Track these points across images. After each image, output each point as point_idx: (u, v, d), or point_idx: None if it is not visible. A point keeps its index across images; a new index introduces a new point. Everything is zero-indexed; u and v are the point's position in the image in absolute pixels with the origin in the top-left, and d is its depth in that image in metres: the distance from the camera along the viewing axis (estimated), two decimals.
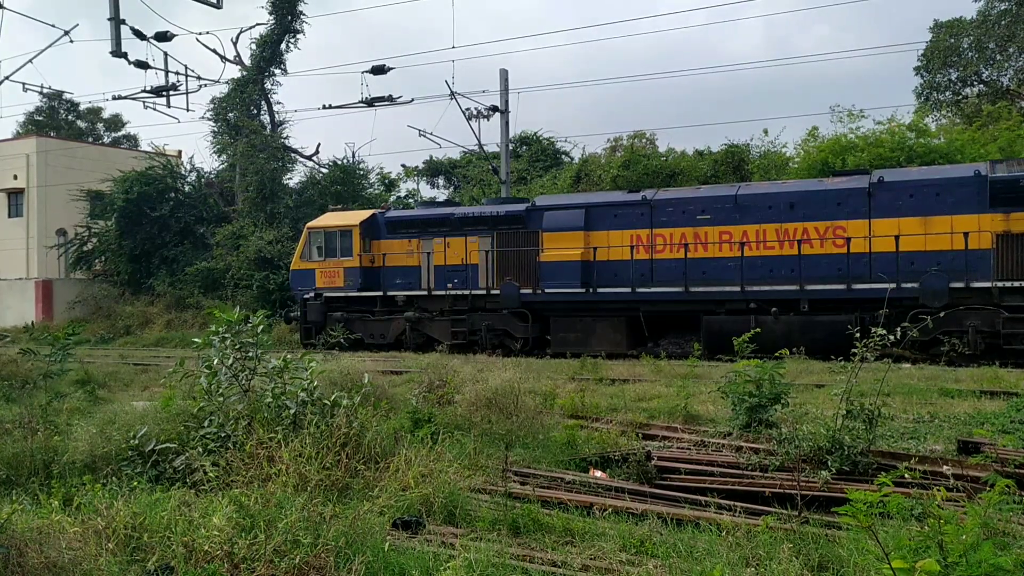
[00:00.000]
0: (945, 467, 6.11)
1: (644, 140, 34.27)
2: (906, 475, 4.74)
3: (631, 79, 48.37)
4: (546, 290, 20.63)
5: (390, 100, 28.60)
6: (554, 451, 8.84)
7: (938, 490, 4.36)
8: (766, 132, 36.76)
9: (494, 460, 8.18)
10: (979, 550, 3.38)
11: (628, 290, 19.78)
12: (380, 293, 22.93)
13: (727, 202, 19.41)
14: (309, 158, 36.96)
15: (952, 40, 30.98)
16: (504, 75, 27.83)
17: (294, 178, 36.79)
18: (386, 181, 40.90)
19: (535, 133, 41.12)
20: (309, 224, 24.91)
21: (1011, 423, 8.72)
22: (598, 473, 8.12)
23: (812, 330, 17.45)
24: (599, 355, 18.00)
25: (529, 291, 20.91)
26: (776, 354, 10.22)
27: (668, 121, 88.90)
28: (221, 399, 7.93)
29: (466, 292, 21.78)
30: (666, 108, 77.13)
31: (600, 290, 20.11)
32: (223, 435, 7.54)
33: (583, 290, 20.22)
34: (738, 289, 18.72)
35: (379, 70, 28.12)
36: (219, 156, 37.13)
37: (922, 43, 32.94)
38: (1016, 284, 16.50)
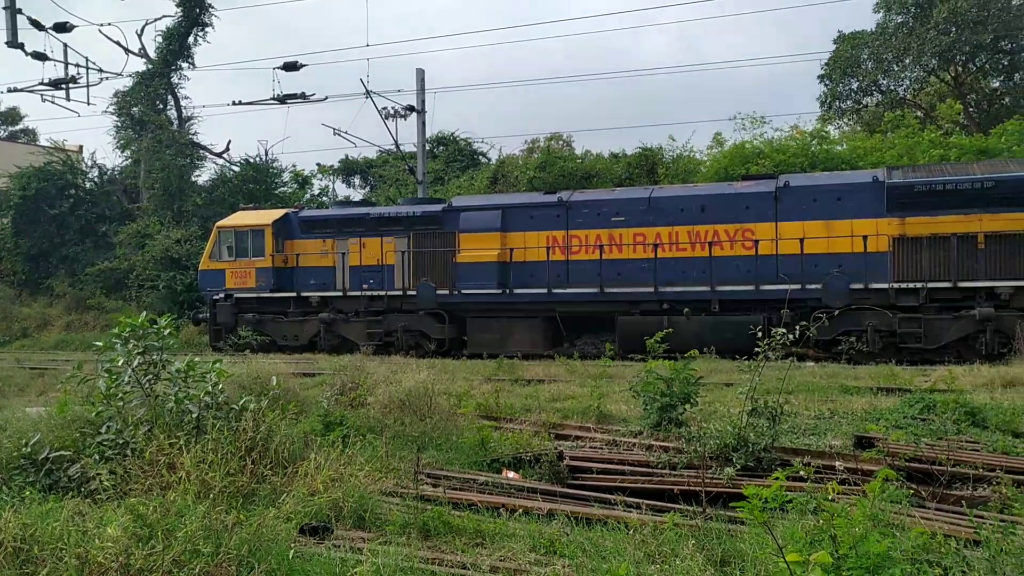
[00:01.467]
0: (838, 462, 6.34)
1: (561, 142, 34.62)
2: (801, 471, 4.90)
3: (548, 81, 48.79)
4: (463, 291, 20.60)
5: (303, 97, 28.13)
6: (467, 452, 8.81)
7: (831, 484, 4.51)
8: (673, 138, 37.54)
9: (406, 462, 8.10)
10: (867, 541, 3.51)
11: (544, 291, 19.92)
12: (293, 294, 22.50)
13: (641, 204, 19.74)
14: (219, 155, 36.05)
15: (853, 51, 32.26)
16: (420, 75, 27.68)
17: (203, 176, 35.84)
18: (300, 180, 40.15)
19: (452, 133, 41.04)
20: (219, 223, 24.26)
21: (904, 419, 9.10)
22: (511, 474, 8.13)
23: (723, 330, 17.86)
24: (515, 356, 18.07)
25: (446, 292, 20.84)
26: (687, 354, 10.44)
27: (585, 123, 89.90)
28: (120, 404, 7.62)
29: (382, 293, 21.57)
30: (582, 110, 78.02)
31: (517, 291, 20.19)
32: (121, 442, 7.25)
33: (500, 291, 20.27)
34: (652, 290, 19.04)
35: (291, 67, 27.64)
36: (123, 152, 35.90)
37: (825, 53, 34.21)
38: (910, 285, 17.26)
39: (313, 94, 28.23)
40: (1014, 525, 3.91)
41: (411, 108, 27.98)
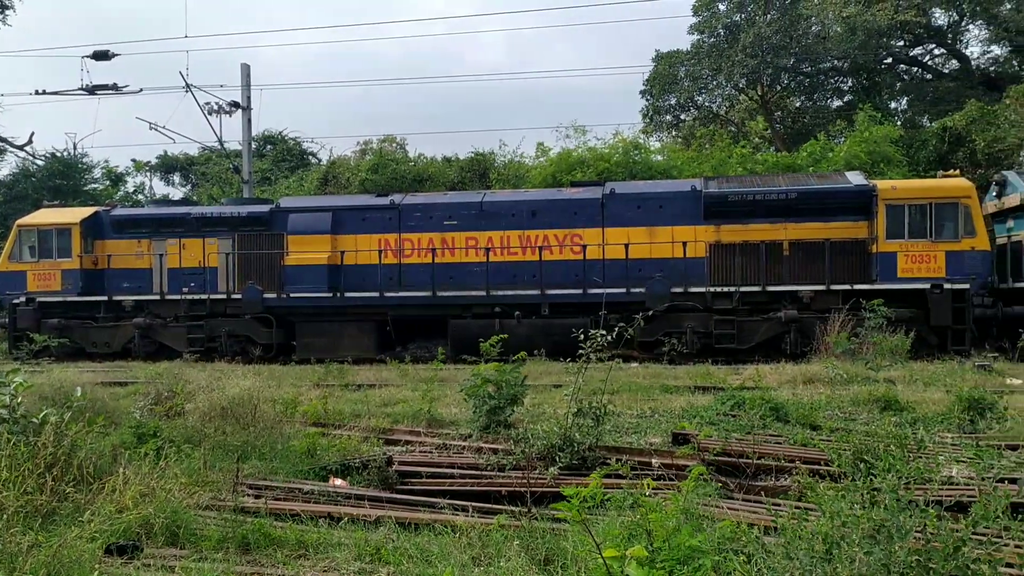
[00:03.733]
0: (654, 459, 6.62)
1: (394, 144, 34.38)
2: (620, 469, 5.07)
3: (380, 83, 48.31)
4: (291, 294, 20.03)
5: (115, 89, 26.38)
6: (293, 461, 8.52)
7: (647, 481, 4.70)
8: (504, 144, 38.16)
9: (227, 474, 7.74)
10: (679, 534, 3.67)
11: (376, 294, 19.69)
12: (104, 298, 21.05)
13: (473, 208, 19.92)
14: (21, 148, 33.26)
15: (670, 69, 34.07)
16: (246, 70, 26.66)
17: (3, 170, 32.92)
18: (112, 176, 37.65)
19: (280, 132, 39.88)
20: (20, 221, 22.33)
21: (717, 415, 9.65)
22: (338, 482, 7.94)
23: (553, 333, 18.27)
24: (346, 360, 17.74)
25: (273, 295, 20.18)
26: (515, 357, 10.60)
27: (418, 126, 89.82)
28: None
29: (204, 297, 20.61)
30: (417, 114, 77.87)
31: (348, 294, 19.84)
32: None
33: (330, 294, 19.85)
34: (484, 293, 19.25)
35: (102, 55, 25.90)
36: None
37: (648, 68, 35.90)
38: (725, 289, 18.39)
39: (127, 85, 26.56)
40: (808, 512, 4.23)
41: (236, 104, 26.91)
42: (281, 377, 14.96)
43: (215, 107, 26.91)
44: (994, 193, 19.72)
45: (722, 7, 33.86)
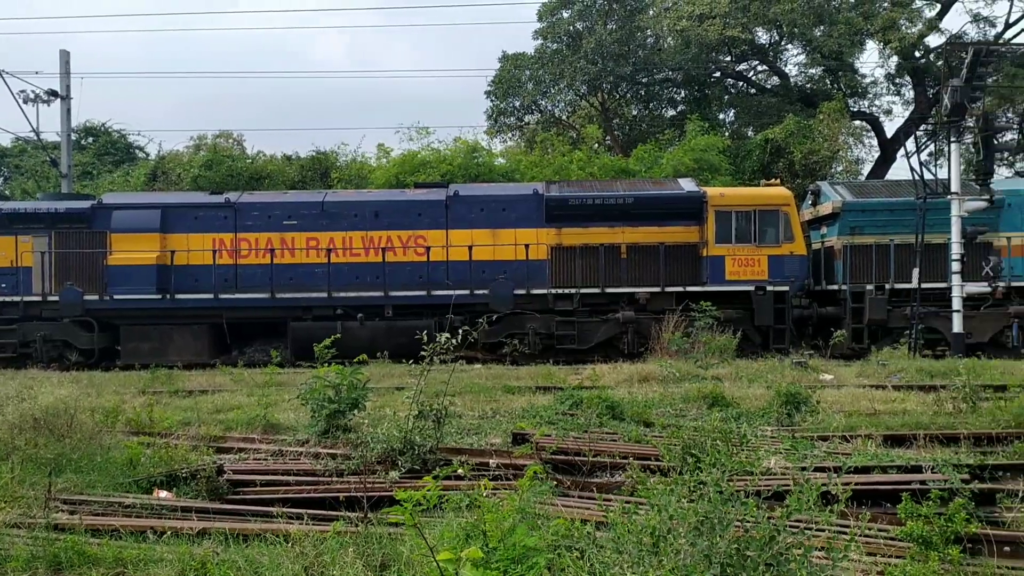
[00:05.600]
0: (491, 459, 6.65)
1: (231, 140, 33.06)
2: (459, 470, 5.05)
3: (216, 75, 46.30)
4: (115, 296, 18.81)
5: None
6: (114, 473, 7.97)
7: (484, 481, 4.70)
8: (345, 143, 37.55)
9: (39, 489, 7.15)
10: (514, 533, 3.68)
11: (210, 296, 18.84)
12: None
13: (314, 208, 19.43)
14: None
15: (516, 71, 34.61)
16: (65, 56, 24.88)
17: None
18: None
19: (104, 124, 37.45)
20: None
21: (556, 415, 9.83)
22: (163, 493, 7.50)
23: (396, 335, 18.08)
24: (176, 365, 16.84)
25: (95, 297, 18.88)
26: (356, 359, 10.38)
27: (258, 123, 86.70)
28: None
29: (17, 299, 19.01)
30: (256, 110, 75.21)
31: (179, 296, 18.87)
32: None
33: (159, 296, 18.80)
34: (325, 295, 18.82)
35: None
36: None
37: (492, 71, 36.34)
38: (566, 291, 18.83)
39: None
40: (637, 506, 4.35)
41: (54, 93, 25.03)
42: (103, 384, 14.06)
43: (31, 95, 24.92)
44: (810, 202, 21.23)
45: (565, 14, 34.70)
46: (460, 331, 7.52)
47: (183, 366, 17.11)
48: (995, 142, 18.51)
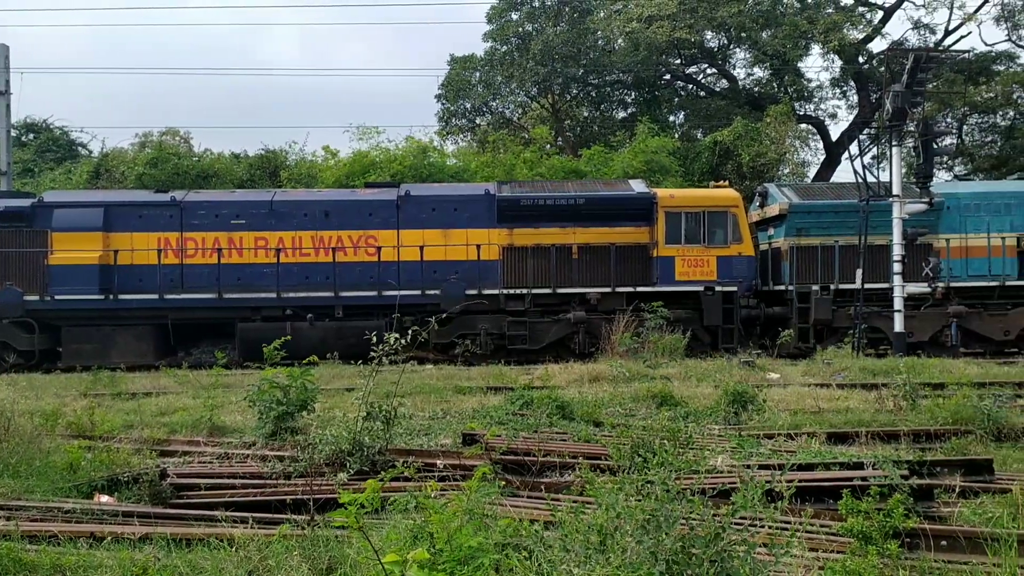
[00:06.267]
0: (439, 460, 6.63)
1: (178, 138, 32.47)
2: (406, 471, 5.02)
3: (162, 71, 45.43)
4: (57, 297, 18.34)
5: None
6: (53, 478, 7.77)
7: (431, 483, 4.68)
8: (295, 142, 37.09)
9: None
10: (460, 534, 3.67)
11: (155, 296, 18.49)
12: None
13: (263, 207, 19.18)
14: None
15: (466, 73, 34.59)
16: (4, 51, 24.20)
17: None
18: None
19: (45, 120, 36.54)
20: None
21: (507, 415, 9.83)
22: (104, 498, 7.33)
23: (346, 335, 17.93)
24: (119, 367, 16.46)
25: (35, 298, 18.39)
26: (305, 360, 10.27)
27: (205, 120, 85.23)
28: None
29: None
30: (203, 107, 73.90)
31: (122, 297, 18.48)
32: None
33: (102, 297, 18.37)
34: (274, 295, 18.60)
35: None
36: None
37: (443, 71, 36.25)
38: (518, 291, 18.86)
39: None
40: (586, 505, 4.37)
41: None
42: (43, 387, 13.72)
43: None
44: (757, 203, 21.58)
45: (515, 16, 34.77)
46: (410, 331, 7.46)
47: (126, 368, 16.72)
48: (935, 146, 18.96)
